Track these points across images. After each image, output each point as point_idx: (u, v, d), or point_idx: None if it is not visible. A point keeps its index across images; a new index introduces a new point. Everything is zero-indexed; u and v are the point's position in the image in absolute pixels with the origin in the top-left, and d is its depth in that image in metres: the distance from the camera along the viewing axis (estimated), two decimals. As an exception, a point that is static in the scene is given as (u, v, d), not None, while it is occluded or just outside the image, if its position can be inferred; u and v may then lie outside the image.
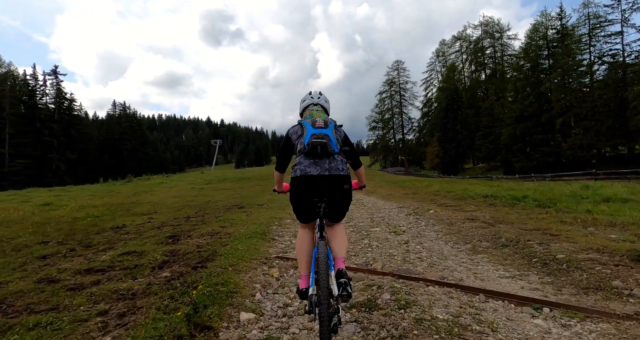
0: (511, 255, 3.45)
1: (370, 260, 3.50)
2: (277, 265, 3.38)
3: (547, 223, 4.49)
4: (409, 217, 6.13)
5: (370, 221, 5.81)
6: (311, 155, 1.91)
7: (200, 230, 4.86)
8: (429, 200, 8.35)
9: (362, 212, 7.09)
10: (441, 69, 70.78)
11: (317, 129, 1.95)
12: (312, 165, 1.89)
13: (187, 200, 12.24)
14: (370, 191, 13.31)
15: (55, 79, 47.38)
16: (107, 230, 5.35)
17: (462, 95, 56.17)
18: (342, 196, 1.94)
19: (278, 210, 7.53)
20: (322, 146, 1.88)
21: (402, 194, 10.98)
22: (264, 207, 8.39)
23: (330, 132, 1.97)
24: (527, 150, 37.41)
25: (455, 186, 11.72)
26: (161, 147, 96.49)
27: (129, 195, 17.23)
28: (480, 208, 6.24)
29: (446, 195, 9.15)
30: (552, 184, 10.71)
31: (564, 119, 31.61)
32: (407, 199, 9.13)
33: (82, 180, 42.71)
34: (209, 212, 7.50)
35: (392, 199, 9.47)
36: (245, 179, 27.14)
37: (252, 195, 13.22)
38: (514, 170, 38.20)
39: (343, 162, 1.96)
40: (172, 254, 3.42)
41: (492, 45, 63.62)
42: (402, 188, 13.66)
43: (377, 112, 70.64)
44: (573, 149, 31.38)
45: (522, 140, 37.37)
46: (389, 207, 7.69)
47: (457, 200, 7.87)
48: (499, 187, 9.96)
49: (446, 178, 38.59)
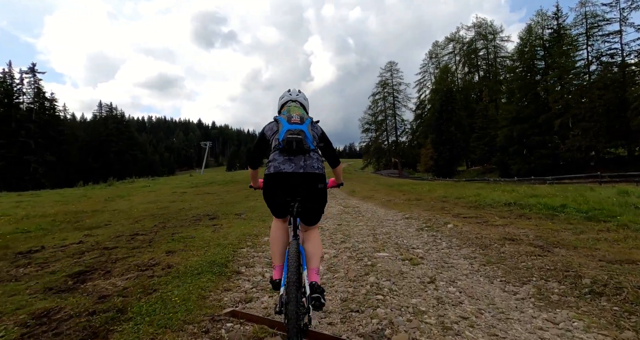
0: (622, 316, 2.08)
1: (385, 325, 2.08)
2: (229, 335, 1.96)
3: (628, 248, 3.16)
4: (421, 233, 4.76)
5: (372, 240, 4.41)
6: (286, 151, 1.85)
7: (134, 259, 3.40)
8: (439, 209, 7.00)
9: (360, 225, 5.69)
10: (434, 71, 70.30)
11: (293, 124, 1.89)
12: (287, 162, 1.83)
13: (158, 208, 10.69)
14: (367, 196, 11.93)
15: (34, 77, 45.02)
16: (10, 256, 3.84)
17: (456, 97, 55.51)
18: (316, 195, 1.88)
19: (257, 223, 6.09)
20: (297, 142, 1.82)
21: (404, 200, 9.62)
22: (241, 218, 6.94)
23: (306, 128, 1.91)
24: (523, 153, 36.62)
25: (462, 191, 10.43)
26: (150, 150, 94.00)
27: (99, 201, 15.57)
28: (512, 221, 4.90)
29: (457, 202, 7.81)
30: (571, 188, 9.47)
31: (562, 120, 30.85)
32: (412, 207, 7.76)
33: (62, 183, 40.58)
34: (170, 225, 6.02)
35: (394, 207, 8.10)
36: (234, 182, 25.85)
37: (235, 201, 11.74)
38: (510, 173, 37.37)
39: (319, 160, 1.91)
40: (38, 322, 1.95)
41: (485, 47, 63.35)
42: (402, 192, 12.33)
43: (370, 113, 69.69)
44: (571, 151, 30.61)
45: (518, 142, 36.59)
46: (392, 218, 6.31)
47: (474, 209, 6.53)
48: (515, 192, 8.67)
49: (441, 181, 37.52)
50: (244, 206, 9.44)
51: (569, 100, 31.03)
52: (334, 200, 11.25)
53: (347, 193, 15.58)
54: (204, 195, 16.30)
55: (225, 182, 25.89)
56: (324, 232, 5.18)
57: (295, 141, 1.80)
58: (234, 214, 7.53)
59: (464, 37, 65.99)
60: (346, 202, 10.13)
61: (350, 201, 10.59)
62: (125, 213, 9.26)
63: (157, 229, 5.54)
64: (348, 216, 6.94)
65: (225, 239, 4.53)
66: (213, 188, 21.90)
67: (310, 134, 1.91)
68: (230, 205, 9.95)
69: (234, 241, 4.35)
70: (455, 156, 53.84)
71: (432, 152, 52.74)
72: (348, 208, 8.42)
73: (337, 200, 11.23)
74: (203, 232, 5.08)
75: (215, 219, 6.86)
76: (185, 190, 19.98)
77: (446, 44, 69.20)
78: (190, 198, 15.24)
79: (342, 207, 8.98)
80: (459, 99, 56.50)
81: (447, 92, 54.72)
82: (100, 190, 22.96)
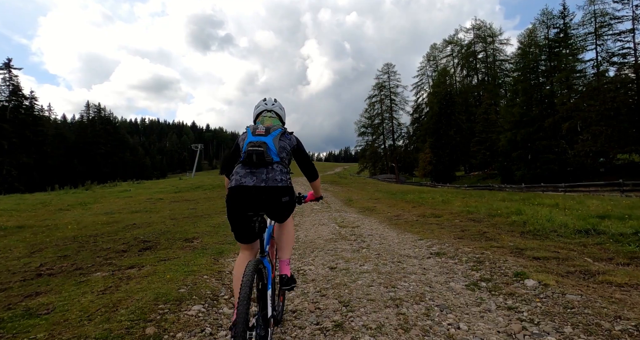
0: None
1: None
2: None
3: None
4: (481, 296, 2.59)
5: (397, 322, 2.23)
6: (247, 164, 1.78)
7: None
8: (478, 236, 4.83)
9: (367, 270, 3.49)
10: (432, 74, 68.80)
11: (257, 136, 1.83)
12: (249, 175, 1.75)
13: (103, 224, 8.40)
14: (368, 208, 9.74)
15: (9, 73, 42.28)
16: None
17: (456, 100, 53.92)
18: (280, 209, 1.81)
19: (205, 260, 3.88)
20: (257, 155, 1.74)
21: (417, 215, 7.45)
22: (190, 247, 4.72)
23: (271, 140, 1.83)
24: (528, 158, 34.82)
25: (489, 203, 8.27)
26: (141, 152, 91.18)
27: (51, 211, 13.25)
28: (637, 272, 2.76)
29: (496, 224, 5.64)
30: (610, 198, 7.39)
31: (570, 124, 29.09)
32: (433, 229, 5.59)
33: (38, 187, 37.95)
34: (64, 266, 3.77)
35: (409, 228, 5.93)
36: (221, 186, 23.80)
37: (206, 214, 9.51)
38: (513, 179, 35.47)
39: (283, 172, 1.80)
40: None
41: (484, 50, 62.04)
42: (410, 203, 10.15)
43: (367, 117, 67.82)
44: (580, 157, 28.84)
45: (522, 146, 34.78)
46: (415, 253, 4.14)
47: (535, 239, 4.35)
48: (572, 210, 6.52)
49: (441, 187, 35.52)
50: (212, 222, 7.20)
51: (578, 103, 29.32)
52: (327, 214, 9.04)
53: (343, 202, 13.38)
54: (178, 204, 14.08)
55: (212, 186, 24.20)
56: (306, 286, 3.02)
57: (256, 153, 1.74)
58: (184, 239, 5.30)
59: (463, 39, 64.79)
60: (342, 218, 7.94)
61: (347, 216, 8.39)
62: (49, 232, 6.96)
63: (15, 281, 3.28)
64: (345, 245, 4.76)
65: (101, 319, 2.30)
66: (195, 194, 19.84)
67: (277, 145, 1.84)
68: (194, 221, 7.70)
69: (113, 327, 2.14)
70: (455, 161, 52.04)
71: (430, 156, 50.84)
72: (345, 229, 6.24)
73: (332, 213, 9.02)
74: (90, 289, 2.85)
75: (149, 249, 4.63)
76: (163, 197, 17.74)
77: (444, 46, 67.92)
78: (159, 207, 13.05)
79: (336, 225, 6.80)
80: (458, 102, 54.90)
81: (447, 94, 53.09)
82: (71, 195, 20.88)
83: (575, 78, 30.34)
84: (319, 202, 13.57)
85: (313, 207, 11.56)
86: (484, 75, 62.07)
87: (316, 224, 7.16)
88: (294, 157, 2.00)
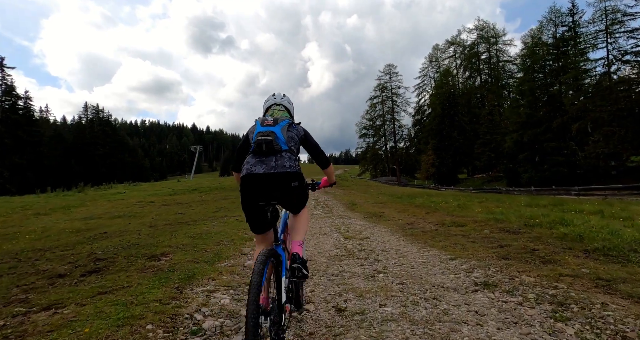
0: None
1: None
2: None
3: None
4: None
5: None
6: (257, 153, 1.84)
7: None
8: (524, 252, 3.70)
9: (385, 304, 2.41)
10: (434, 75, 67.82)
11: (265, 126, 1.89)
12: (259, 163, 1.80)
13: (73, 231, 7.30)
14: (375, 214, 8.61)
15: (2, 72, 41.28)
16: None
17: (459, 101, 52.88)
18: (292, 194, 1.83)
19: (164, 292, 2.78)
20: (266, 143, 1.80)
21: (436, 224, 6.32)
22: (150, 270, 3.58)
23: (279, 129, 1.88)
24: (535, 160, 33.69)
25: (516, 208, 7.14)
26: (141, 154, 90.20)
27: (27, 216, 12.24)
28: None
29: (539, 237, 4.52)
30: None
31: (580, 125, 27.99)
32: (464, 243, 4.45)
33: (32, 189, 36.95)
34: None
35: (430, 240, 4.81)
36: (218, 189, 22.46)
37: (193, 220, 8.43)
38: (520, 181, 34.30)
39: (292, 159, 1.85)
40: None
41: (487, 51, 61.06)
42: (422, 208, 9.02)
43: (368, 118, 66.74)
44: (591, 158, 27.72)
45: (529, 148, 33.65)
46: (446, 277, 3.03)
47: (612, 262, 3.25)
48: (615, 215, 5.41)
49: (444, 190, 34.36)
50: (193, 232, 6.08)
51: (588, 103, 28.23)
52: (329, 220, 7.92)
53: (345, 206, 12.26)
54: (168, 207, 13.01)
55: (210, 189, 23.45)
56: None
57: (265, 142, 1.80)
58: (150, 256, 4.19)
59: (465, 40, 63.83)
60: (347, 226, 6.81)
61: (352, 223, 7.27)
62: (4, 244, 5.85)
63: None
64: (355, 267, 3.64)
65: None
66: (190, 197, 18.91)
67: (285, 135, 1.89)
68: (175, 229, 6.58)
69: None
70: (458, 163, 50.92)
71: (433, 158, 49.70)
72: (351, 241, 5.12)
73: (334, 220, 7.91)
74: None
75: (97, 272, 3.51)
76: (155, 200, 16.69)
77: (447, 47, 66.98)
78: (146, 211, 12.01)
79: (340, 235, 5.68)
80: (461, 103, 53.86)
81: (450, 95, 52.06)
82: (60, 198, 20.01)
83: (585, 77, 29.26)
84: (320, 206, 12.46)
85: (313, 212, 10.46)
86: (487, 77, 61.06)
87: (316, 234, 6.06)
88: (304, 147, 2.04)
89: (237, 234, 5.75)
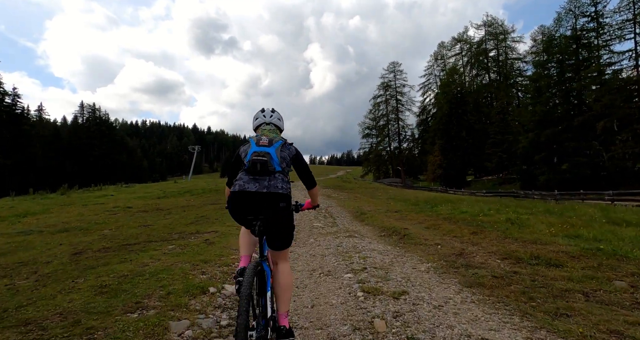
0: None
1: None
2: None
3: None
4: None
5: None
6: (251, 172, 1.89)
7: None
8: None
9: None
10: (440, 73, 65.45)
11: (260, 147, 1.95)
12: (252, 181, 1.87)
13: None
14: (395, 230, 6.32)
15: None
16: None
17: (468, 99, 50.53)
18: (278, 214, 1.88)
19: None
20: (261, 164, 1.86)
21: (500, 257, 4.05)
22: None
23: (274, 150, 1.95)
24: (554, 161, 31.31)
25: (605, 226, 4.89)
26: (140, 155, 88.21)
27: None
28: None
29: None
30: None
31: (606, 123, 25.63)
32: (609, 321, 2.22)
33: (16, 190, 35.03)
34: None
35: (518, 301, 2.58)
36: (212, 191, 20.50)
37: (155, 236, 6.24)
38: (535, 184, 31.84)
39: (284, 181, 1.94)
40: None
41: (495, 48, 58.68)
42: (456, 224, 6.75)
43: (371, 118, 64.46)
44: (617, 159, 25.36)
45: (547, 148, 31.27)
46: None
47: None
48: None
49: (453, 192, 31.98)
50: (121, 270, 3.83)
51: (614, 99, 25.86)
52: (333, 239, 5.65)
53: (353, 215, 10.02)
54: (142, 215, 10.82)
55: (203, 191, 21.49)
56: None
57: (260, 163, 1.86)
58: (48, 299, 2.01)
59: (473, 37, 61.48)
60: (361, 255, 4.56)
61: (366, 248, 5.01)
62: None
63: None
64: None
65: None
66: (176, 200, 16.80)
67: (278, 156, 1.95)
68: (104, 261, 4.36)
69: None
70: (467, 164, 48.54)
71: (440, 159, 47.30)
72: (378, 302, 2.83)
73: (339, 240, 5.65)
74: None
75: None
76: (135, 204, 14.45)
77: (453, 44, 64.62)
78: (110, 221, 9.90)
79: (353, 279, 3.45)
80: (468, 102, 51.50)
81: (458, 93, 49.75)
82: (33, 201, 17.90)
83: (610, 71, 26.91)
84: (322, 215, 10.22)
85: (313, 224, 8.23)
86: (496, 75, 58.67)
87: (315, 271, 3.86)
88: (293, 166, 2.09)
89: (187, 277, 3.53)
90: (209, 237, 6.04)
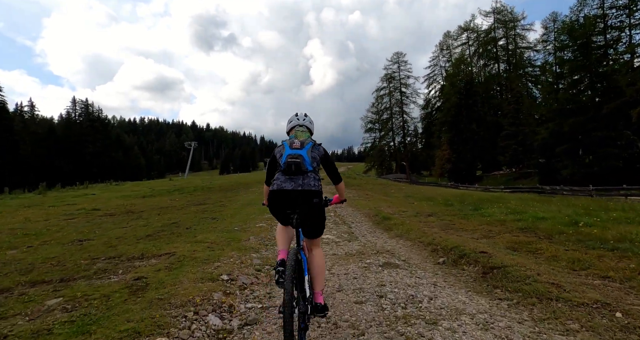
0: None
1: None
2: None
3: None
4: None
5: None
6: (286, 172, 2.14)
7: None
8: None
9: None
10: (445, 64, 62.53)
11: (293, 150, 2.18)
12: (288, 181, 2.12)
13: None
14: (461, 253, 3.68)
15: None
16: None
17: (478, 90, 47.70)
18: (312, 208, 2.12)
19: None
20: (295, 165, 2.10)
21: None
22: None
23: (306, 152, 2.18)
24: (579, 152, 28.65)
25: None
26: (137, 152, 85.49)
27: None
28: None
29: None
30: None
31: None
32: None
33: (0, 190, 32.75)
34: None
35: None
36: (205, 189, 18.87)
37: (111, 246, 3.59)
38: (556, 179, 29.13)
39: (316, 179, 2.16)
40: None
41: (504, 36, 55.71)
42: (545, 237, 4.20)
43: (374, 111, 61.66)
44: (654, 150, 22.74)
45: (570, 139, 28.58)
46: None
47: None
48: None
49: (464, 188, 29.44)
50: None
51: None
52: (353, 262, 3.08)
53: (371, 220, 7.46)
54: (100, 220, 8.28)
55: (195, 189, 18.99)
56: None
57: (294, 164, 2.10)
58: None
59: (480, 25, 58.44)
60: (415, 301, 2.06)
61: (421, 291, 2.49)
62: None
63: None
64: None
65: None
66: (159, 200, 14.67)
67: (310, 157, 2.18)
68: None
69: None
70: (478, 158, 45.85)
71: (449, 153, 44.56)
72: None
73: (369, 268, 3.06)
74: None
75: None
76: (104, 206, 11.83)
77: (459, 33, 61.48)
78: (54, 229, 7.36)
79: None
80: (478, 92, 48.68)
81: (467, 84, 46.93)
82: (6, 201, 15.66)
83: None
84: (331, 221, 7.63)
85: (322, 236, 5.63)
86: (506, 64, 55.76)
87: None
88: (322, 164, 2.33)
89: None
90: (148, 271, 3.45)
